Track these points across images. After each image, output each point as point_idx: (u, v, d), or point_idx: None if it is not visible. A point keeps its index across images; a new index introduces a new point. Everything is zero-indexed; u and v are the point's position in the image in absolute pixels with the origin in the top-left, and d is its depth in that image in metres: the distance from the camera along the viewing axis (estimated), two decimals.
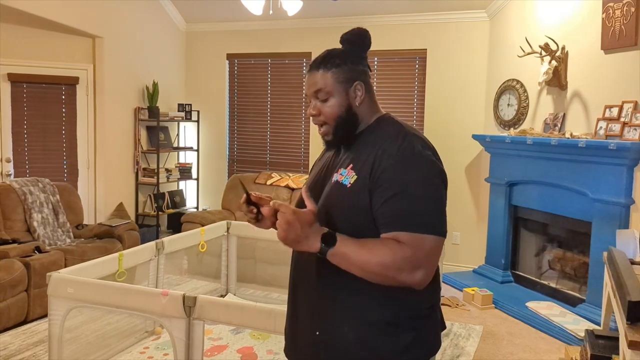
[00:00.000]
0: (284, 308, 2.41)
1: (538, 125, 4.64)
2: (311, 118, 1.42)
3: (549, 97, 4.57)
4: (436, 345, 1.44)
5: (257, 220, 1.44)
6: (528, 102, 4.80)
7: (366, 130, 1.40)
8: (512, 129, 4.84)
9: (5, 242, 4.00)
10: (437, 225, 1.28)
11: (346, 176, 1.34)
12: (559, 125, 4.37)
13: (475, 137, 5.13)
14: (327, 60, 1.38)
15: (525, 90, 4.82)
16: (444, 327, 1.49)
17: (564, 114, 4.37)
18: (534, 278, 4.70)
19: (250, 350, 3.40)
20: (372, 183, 1.29)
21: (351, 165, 1.35)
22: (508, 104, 5.00)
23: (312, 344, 1.40)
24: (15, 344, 3.44)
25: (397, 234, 1.25)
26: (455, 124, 5.48)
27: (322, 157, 1.55)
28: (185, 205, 6.56)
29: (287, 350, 1.53)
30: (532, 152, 4.46)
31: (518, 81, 4.88)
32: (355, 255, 1.25)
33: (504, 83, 5.04)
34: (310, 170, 1.60)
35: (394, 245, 1.25)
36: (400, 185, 1.27)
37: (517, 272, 4.87)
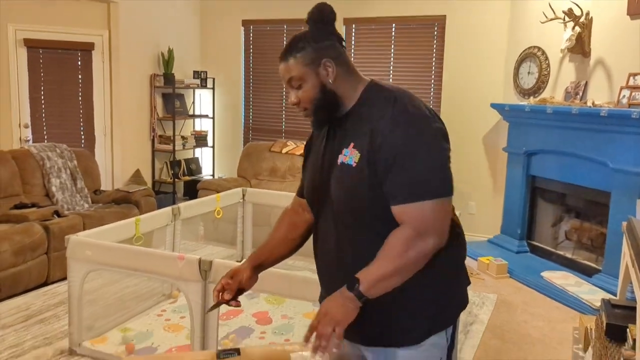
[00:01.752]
0: (298, 273, 2.43)
1: (559, 94, 4.54)
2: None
3: (571, 64, 4.45)
4: (464, 302, 1.45)
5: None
6: (549, 70, 4.69)
7: (357, 104, 1.38)
8: (531, 97, 4.74)
9: (25, 206, 4.06)
10: (436, 188, 1.27)
11: (350, 156, 1.33)
12: (581, 94, 4.27)
13: (493, 105, 5.04)
14: (291, 47, 1.36)
15: (546, 58, 4.70)
16: (469, 283, 1.49)
17: (586, 82, 4.27)
18: (549, 248, 4.67)
19: (265, 315, 3.45)
20: (374, 157, 1.29)
21: (353, 143, 1.34)
22: (528, 72, 4.89)
23: None
24: (37, 304, 3.52)
25: (399, 207, 1.27)
26: (473, 92, 5.38)
27: (317, 139, 1.51)
28: (201, 173, 6.59)
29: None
30: (552, 122, 4.38)
31: (539, 48, 4.75)
32: (382, 273, 1.27)
33: (524, 50, 4.92)
34: (305, 153, 1.56)
35: (396, 234, 1.27)
36: (397, 154, 1.26)
37: (533, 242, 4.84)
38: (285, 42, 5.91)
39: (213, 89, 6.50)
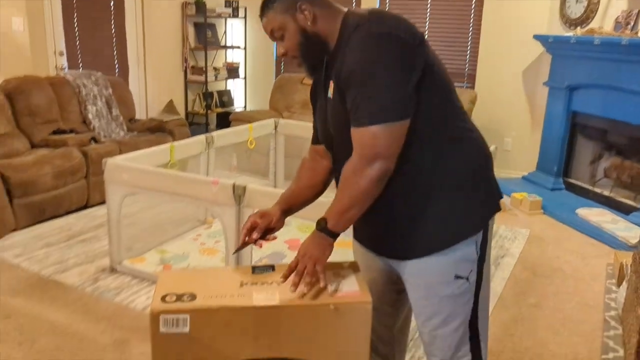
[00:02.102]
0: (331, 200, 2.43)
1: (608, 24, 4.29)
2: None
3: None
4: (492, 208, 1.42)
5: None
6: None
7: (337, 39, 1.36)
8: (578, 28, 4.50)
9: (63, 132, 4.15)
10: (382, 112, 1.23)
11: (329, 90, 1.35)
12: (632, 24, 4.02)
13: (536, 37, 4.80)
14: (266, 1, 1.38)
15: None
16: (499, 195, 1.45)
17: (639, 11, 4.01)
18: (586, 186, 4.57)
19: (297, 242, 3.51)
20: (339, 84, 1.29)
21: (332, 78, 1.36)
22: (577, 1, 4.62)
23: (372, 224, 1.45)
24: (78, 225, 3.66)
25: (351, 131, 1.28)
26: (515, 23, 5.13)
27: (319, 85, 1.51)
28: (233, 105, 6.59)
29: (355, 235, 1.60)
30: (598, 54, 4.16)
31: None
32: (341, 207, 1.30)
33: None
34: (312, 101, 1.56)
35: (347, 164, 1.29)
36: (350, 77, 1.25)
37: (569, 180, 4.74)
38: None
39: (245, 18, 6.37)
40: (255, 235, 1.48)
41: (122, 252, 3.03)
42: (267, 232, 1.51)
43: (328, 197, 2.02)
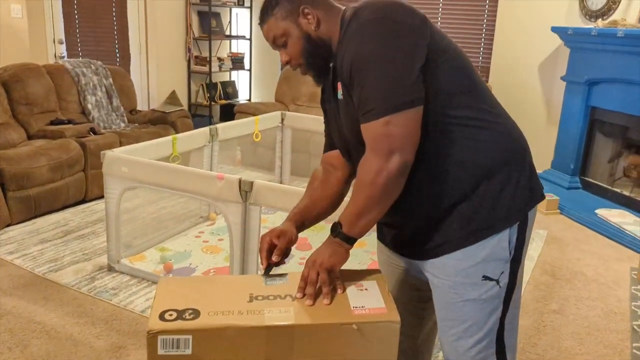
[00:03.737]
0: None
1: (632, 16, 4.11)
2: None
3: None
4: (528, 199, 1.24)
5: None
6: None
7: (339, 39, 1.26)
8: (599, 20, 4.31)
9: (61, 122, 3.98)
10: (388, 100, 1.12)
11: (338, 90, 1.26)
12: None
13: (554, 29, 4.61)
14: (265, 8, 1.29)
15: None
16: (539, 186, 1.29)
17: None
18: (605, 185, 4.40)
19: (305, 241, 3.35)
20: (345, 81, 1.21)
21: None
22: None
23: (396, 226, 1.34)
24: (75, 220, 3.50)
25: (362, 129, 1.18)
26: (532, 14, 4.94)
27: (328, 91, 1.39)
28: (237, 97, 6.42)
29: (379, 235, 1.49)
30: (621, 47, 3.98)
31: None
32: (357, 210, 1.20)
33: None
34: (323, 108, 1.43)
35: (361, 163, 1.19)
36: (351, 71, 1.16)
37: (586, 179, 4.56)
38: None
39: (250, 8, 6.19)
40: (276, 258, 1.35)
41: (121, 250, 2.88)
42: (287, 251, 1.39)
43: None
